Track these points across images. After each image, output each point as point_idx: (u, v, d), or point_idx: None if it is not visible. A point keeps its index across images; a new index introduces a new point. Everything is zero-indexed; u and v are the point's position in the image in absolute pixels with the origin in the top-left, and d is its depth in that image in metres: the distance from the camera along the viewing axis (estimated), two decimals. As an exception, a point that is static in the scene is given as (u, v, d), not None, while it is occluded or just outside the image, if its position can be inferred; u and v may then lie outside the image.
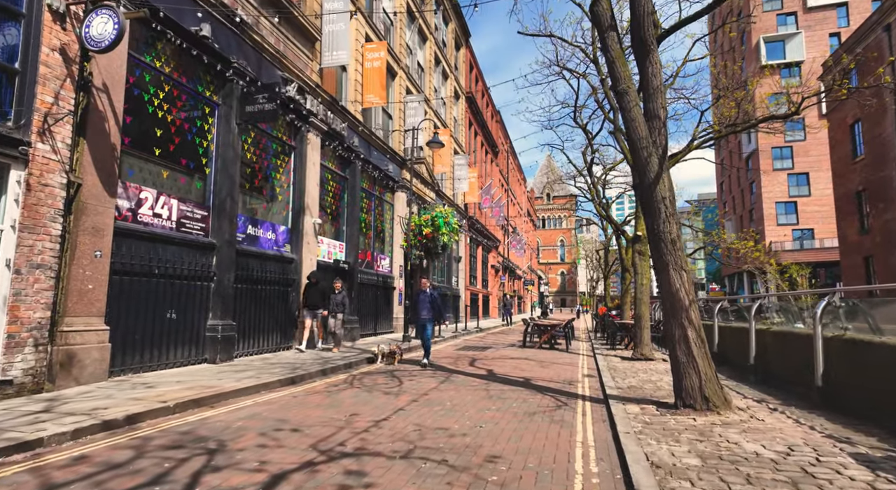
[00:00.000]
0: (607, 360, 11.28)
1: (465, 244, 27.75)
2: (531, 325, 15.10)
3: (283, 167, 11.23)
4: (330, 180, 13.39)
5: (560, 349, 14.07)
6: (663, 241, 5.84)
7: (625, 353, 12.63)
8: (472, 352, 12.78)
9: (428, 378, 8.18)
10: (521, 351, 13.34)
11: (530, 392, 7.13)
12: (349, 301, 13.72)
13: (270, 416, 5.17)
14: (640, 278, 11.59)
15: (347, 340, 13.48)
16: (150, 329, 7.44)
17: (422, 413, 5.54)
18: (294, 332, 11.13)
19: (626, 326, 14.11)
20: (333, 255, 13.29)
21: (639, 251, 11.64)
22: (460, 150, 26.96)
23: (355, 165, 14.31)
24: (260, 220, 10.36)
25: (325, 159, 13.06)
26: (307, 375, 7.72)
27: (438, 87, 23.90)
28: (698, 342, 5.67)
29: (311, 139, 11.82)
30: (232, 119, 9.17)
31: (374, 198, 16.35)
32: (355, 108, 14.38)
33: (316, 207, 11.98)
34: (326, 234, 13.31)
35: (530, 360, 11.18)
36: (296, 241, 11.39)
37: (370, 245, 16.02)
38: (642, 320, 11.37)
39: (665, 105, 6.07)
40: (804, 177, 51.75)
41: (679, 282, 5.76)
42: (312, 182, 11.84)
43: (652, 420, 5.20)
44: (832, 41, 50.14)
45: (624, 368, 9.66)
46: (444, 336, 16.28)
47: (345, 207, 14.15)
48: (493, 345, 15.02)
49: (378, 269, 16.32)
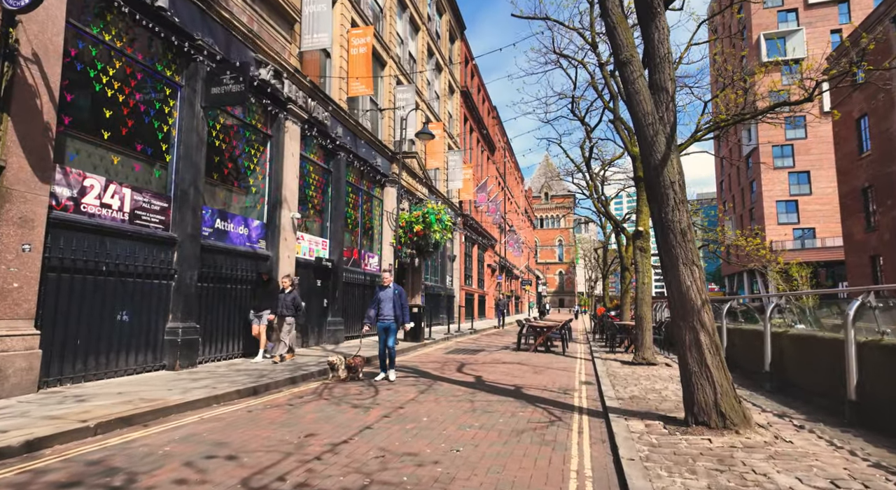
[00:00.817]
0: (606, 364, 10.50)
1: (459, 243, 26.97)
2: (526, 327, 14.32)
3: (257, 157, 10.43)
4: (312, 173, 12.60)
5: (556, 352, 13.30)
6: (672, 231, 5.06)
7: (625, 357, 11.85)
8: (462, 355, 11.99)
9: (408, 387, 7.39)
10: (515, 354, 12.56)
11: (520, 403, 6.34)
12: (336, 300, 12.94)
13: (209, 438, 4.37)
14: (641, 277, 10.83)
15: (330, 343, 12.69)
16: (96, 333, 6.64)
17: (391, 432, 4.75)
18: (271, 334, 10.33)
19: (627, 328, 13.34)
20: (316, 252, 12.50)
21: (640, 248, 10.87)
22: (455, 145, 26.18)
23: (340, 158, 13.52)
24: (231, 213, 9.56)
25: (307, 150, 12.26)
26: (273, 385, 6.93)
27: (432, 81, 23.12)
28: (712, 349, 4.90)
29: (289, 128, 11.03)
30: (196, 102, 8.37)
31: (362, 193, 15.56)
32: (340, 96, 13.59)
33: (295, 201, 11.19)
34: (308, 230, 12.52)
35: (523, 365, 10.39)
36: (272, 237, 10.59)
37: (357, 242, 15.22)
38: (644, 322, 10.60)
39: (673, 77, 5.29)
40: (805, 175, 51.09)
41: (690, 279, 4.98)
42: (291, 174, 11.04)
43: (660, 441, 4.42)
44: (833, 38, 49.47)
45: (624, 374, 8.89)
46: (436, 338, 15.50)
47: (329, 202, 13.35)
48: (486, 347, 14.24)
49: (366, 267, 15.53)
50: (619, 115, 11.63)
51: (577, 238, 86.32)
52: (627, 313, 16.71)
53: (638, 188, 11.11)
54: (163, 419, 5.00)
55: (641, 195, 11.08)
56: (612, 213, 17.08)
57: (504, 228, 39.15)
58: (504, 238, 41.72)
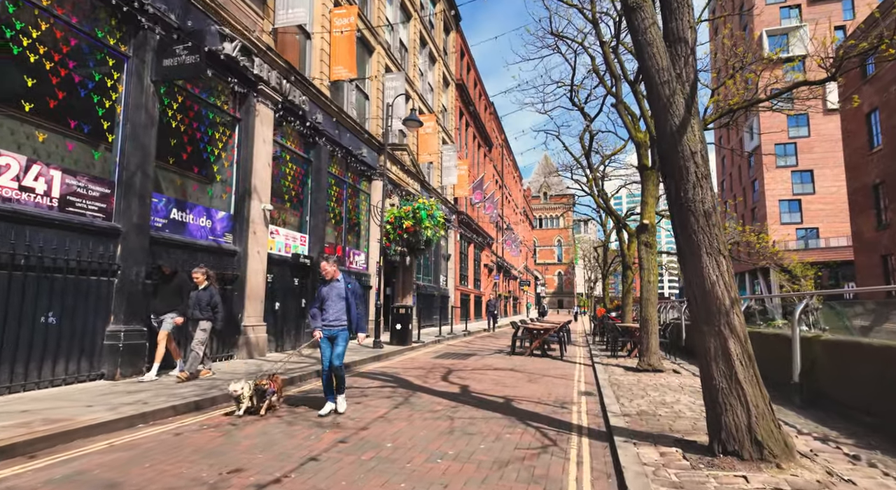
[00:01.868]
0: (608, 370, 9.53)
1: (454, 241, 26.00)
2: (521, 330, 13.34)
3: (223, 142, 9.45)
4: (289, 162, 11.62)
5: (554, 356, 12.32)
6: (692, 213, 4.09)
7: (628, 362, 10.88)
8: (450, 360, 11.01)
9: (381, 400, 6.41)
10: (509, 359, 11.58)
11: (509, 422, 5.37)
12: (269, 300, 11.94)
13: (101, 477, 3.39)
14: (646, 275, 9.86)
15: (308, 347, 11.69)
16: (13, 338, 5.65)
17: (342, 466, 3.77)
18: (237, 338, 9.36)
19: (630, 331, 12.36)
20: (292, 248, 11.52)
21: (645, 243, 9.91)
22: (449, 139, 25.22)
23: (321, 147, 12.54)
24: (191, 203, 8.58)
25: (283, 137, 11.29)
26: (222, 397, 5.95)
27: (425, 72, 22.16)
28: (745, 360, 3.93)
29: (260, 110, 10.05)
30: (146, 75, 7.40)
31: (347, 186, 14.58)
32: (321, 80, 12.62)
33: (267, 191, 10.21)
34: (286, 224, 11.55)
35: (517, 372, 9.42)
36: (240, 231, 9.61)
37: (341, 239, 14.24)
38: (649, 324, 9.63)
39: (693, 24, 4.32)
40: (808, 174, 50.22)
41: (716, 272, 4.01)
42: (262, 161, 10.07)
43: (681, 478, 3.45)
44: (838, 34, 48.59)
45: (629, 383, 7.91)
46: (426, 340, 14.52)
47: (308, 194, 12.37)
48: (478, 351, 13.26)
49: (351, 265, 14.55)
50: (621, 98, 10.67)
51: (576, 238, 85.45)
52: (629, 315, 15.75)
53: (643, 178, 10.15)
54: (61, 447, 4.01)
55: (647, 186, 10.12)
56: (613, 208, 16.10)
57: (501, 227, 38.19)
58: (501, 237, 40.75)
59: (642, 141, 10.35)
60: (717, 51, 20.61)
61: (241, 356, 9.32)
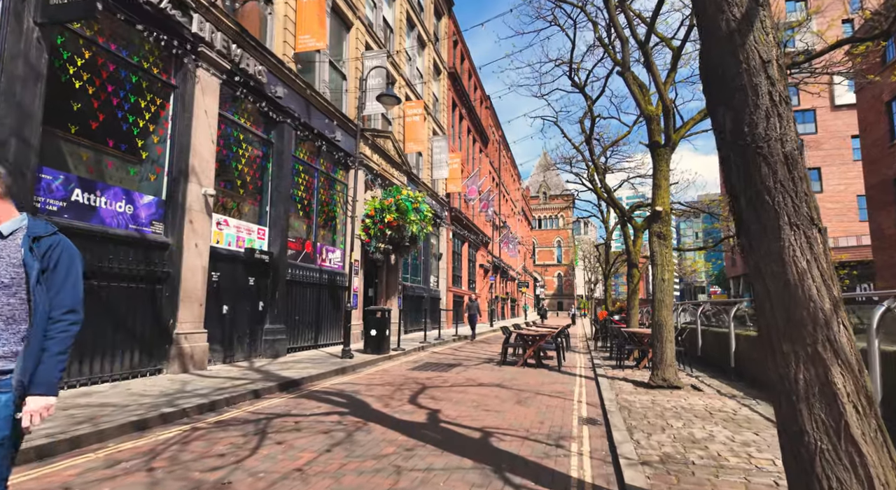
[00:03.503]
0: (615, 386, 7.93)
1: (446, 239, 24.42)
2: (513, 336, 11.73)
3: (152, 112, 7.87)
4: (242, 142, 10.04)
5: (550, 366, 10.73)
6: (766, 158, 2.49)
7: (637, 375, 9.29)
8: (429, 373, 9.40)
9: (315, 436, 4.81)
10: (498, 371, 9.97)
11: (480, 477, 3.77)
12: (276, 303, 10.35)
13: None
14: (659, 271, 8.27)
15: (266, 356, 10.11)
16: None
17: None
18: (167, 348, 7.75)
19: (638, 337, 10.76)
20: (247, 242, 9.93)
21: (658, 233, 8.31)
22: (440, 131, 23.65)
23: (285, 128, 10.96)
24: (103, 183, 6.99)
25: (234, 112, 9.72)
26: (88, 437, 4.35)
27: (413, 57, 20.61)
28: (860, 401, 2.33)
29: (202, 78, 8.48)
30: (27, 16, 5.82)
31: (319, 174, 13.00)
32: (285, 51, 11.05)
33: (210, 173, 8.63)
34: (241, 214, 9.96)
35: (504, 389, 7.81)
36: (173, 219, 8.02)
37: (312, 233, 12.65)
38: (663, 330, 8.04)
39: None
40: (815, 172, 48.69)
41: (807, 255, 2.42)
42: (203, 137, 8.49)
43: None
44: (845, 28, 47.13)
45: (642, 406, 6.32)
46: (408, 347, 12.91)
47: (269, 181, 10.79)
48: (464, 360, 11.65)
49: (323, 263, 12.96)
50: (628, 64, 9.09)
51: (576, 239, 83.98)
52: (635, 318, 14.16)
53: (655, 157, 8.57)
54: None
55: (660, 166, 8.54)
56: (616, 200, 14.52)
57: (496, 225, 36.62)
58: (499, 236, 39.18)
59: (653, 114, 8.77)
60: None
61: (172, 370, 7.72)
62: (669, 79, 8.79)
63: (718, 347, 10.13)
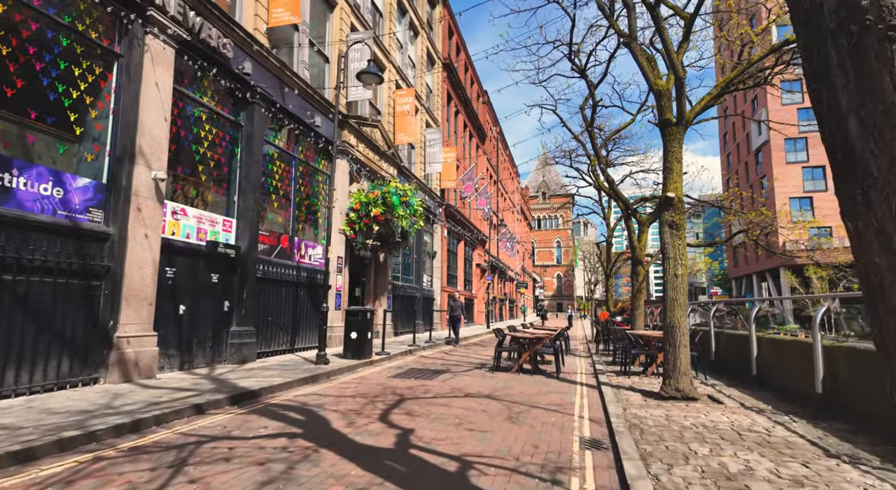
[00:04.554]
0: (621, 397, 6.92)
1: (441, 237, 23.40)
2: (507, 339, 10.70)
3: (89, 81, 6.84)
4: (206, 123, 9.01)
5: (548, 372, 9.71)
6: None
7: (645, 383, 8.27)
8: (411, 381, 8.37)
9: (245, 469, 3.78)
10: (489, 378, 8.95)
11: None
12: (244, 302, 9.32)
13: None
14: (671, 266, 7.25)
15: (232, 362, 9.09)
16: None
17: None
18: (105, 354, 6.73)
19: (646, 341, 9.74)
20: (210, 234, 8.90)
21: (671, 223, 7.30)
22: (434, 123, 22.65)
23: (256, 109, 9.95)
24: (20, 160, 5.96)
25: (195, 89, 8.70)
26: None
27: (404, 44, 19.60)
28: None
29: (152, 47, 7.46)
30: (-87, -46, 4.81)
31: (298, 162, 11.97)
32: (256, 25, 10.05)
33: (161, 155, 7.60)
34: (206, 203, 8.95)
35: (494, 401, 6.78)
36: (115, 206, 7.00)
37: (289, 227, 11.62)
38: (677, 333, 7.02)
39: None
40: (820, 170, 47.84)
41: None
42: (154, 113, 7.47)
43: None
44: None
45: (656, 424, 5.30)
46: (394, 351, 11.88)
47: (237, 168, 9.77)
48: (454, 366, 10.62)
49: (302, 260, 11.93)
50: (635, 34, 8.08)
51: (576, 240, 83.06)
52: (640, 320, 13.13)
53: (666, 137, 7.56)
54: None
55: (671, 147, 7.53)
56: (620, 192, 13.50)
57: (493, 223, 35.61)
58: (496, 235, 38.17)
59: (663, 88, 7.76)
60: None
61: (111, 379, 6.69)
62: (682, 49, 7.78)
63: (736, 352, 9.12)
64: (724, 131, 60.25)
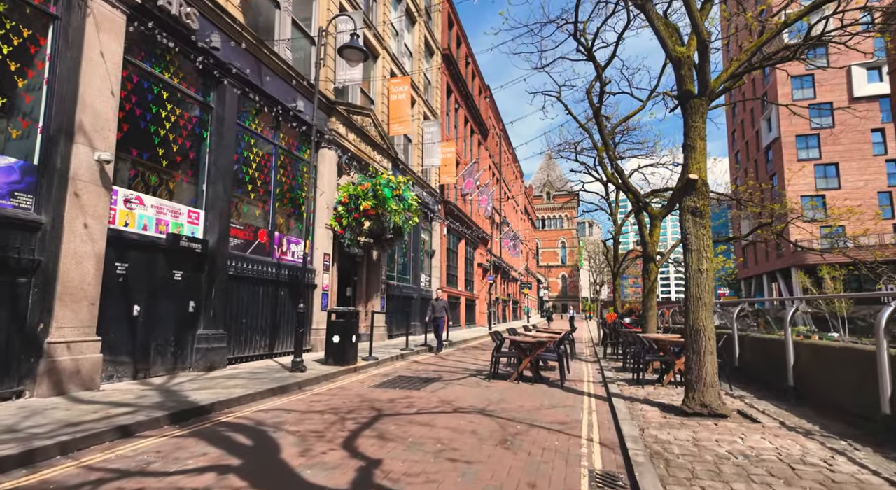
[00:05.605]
0: (636, 412, 5.89)
1: (440, 235, 22.40)
2: (507, 343, 9.68)
3: (14, 44, 5.90)
4: (167, 102, 8.05)
5: (551, 380, 8.69)
6: None
7: (662, 395, 7.23)
8: (394, 392, 7.37)
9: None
10: (483, 389, 7.93)
11: None
12: (212, 302, 8.36)
13: None
14: (694, 260, 6.22)
15: (198, 369, 8.12)
16: None
17: None
18: (33, 363, 5.77)
19: (662, 346, 8.68)
20: (172, 226, 7.94)
21: (693, 210, 6.26)
22: (432, 116, 21.66)
23: (228, 90, 9.00)
24: (-75, 134, 5.03)
25: (154, 62, 7.75)
26: None
27: (401, 31, 18.63)
28: None
29: (96, 10, 6.52)
30: None
31: (279, 151, 11.02)
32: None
33: (108, 134, 6.65)
34: (172, 193, 7.99)
35: (487, 417, 5.77)
36: (49, 191, 6.05)
37: (268, 220, 10.66)
38: (702, 338, 5.99)
39: None
40: (833, 168, 46.55)
41: None
42: (98, 86, 6.52)
43: None
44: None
45: (685, 452, 4.28)
46: (382, 356, 10.87)
47: (206, 153, 8.82)
48: (447, 373, 9.60)
49: (283, 257, 10.97)
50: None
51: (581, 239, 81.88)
52: (652, 322, 12.07)
53: (687, 110, 6.53)
54: None
55: (693, 122, 6.50)
56: (630, 183, 12.45)
57: (495, 221, 34.56)
58: (499, 234, 37.12)
59: (684, 56, 6.73)
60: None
61: (40, 392, 5.73)
62: (706, 10, 6.76)
63: (765, 359, 8.06)
64: (733, 129, 58.94)
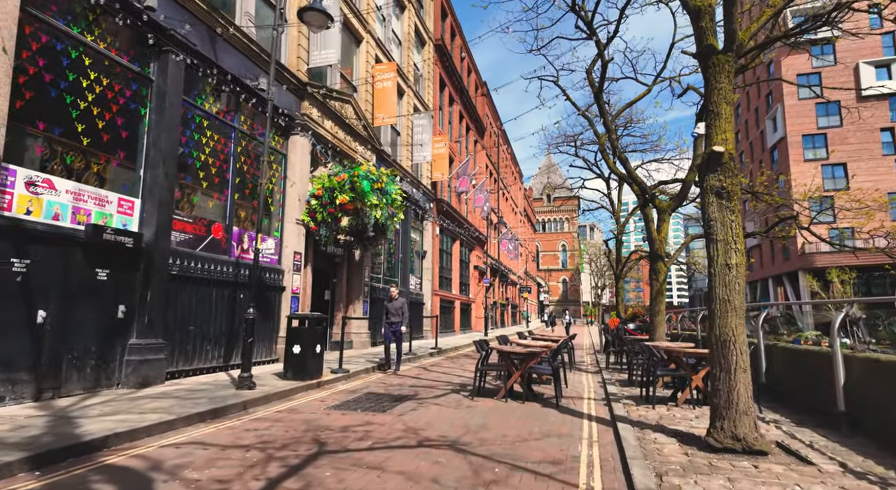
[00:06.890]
0: (648, 446, 4.62)
1: (432, 234, 21.15)
2: (493, 354, 8.40)
3: None
4: (90, 69, 6.80)
5: (546, 397, 7.41)
6: None
7: (678, 417, 5.95)
8: (353, 415, 6.09)
9: None
10: (464, 410, 6.65)
11: None
12: (149, 307, 7.10)
13: None
14: (721, 253, 4.95)
15: (129, 385, 6.85)
16: None
17: None
18: None
19: (675, 359, 7.39)
20: (96, 216, 6.70)
21: (718, 190, 5.00)
22: (423, 108, 20.46)
23: (172, 60, 7.77)
24: None
25: (70, 21, 6.52)
26: None
27: (388, 17, 17.46)
28: None
29: (-17, -53, 5.31)
30: None
31: (239, 135, 9.79)
32: (171, -45, 7.90)
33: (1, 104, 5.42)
34: (101, 177, 6.75)
35: (459, 456, 4.49)
36: None
37: (227, 213, 9.42)
38: (731, 350, 4.73)
39: None
40: (840, 168, 45.30)
41: None
42: (-17, 40, 5.30)
43: None
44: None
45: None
46: (355, 368, 9.60)
47: (143, 133, 7.58)
48: (425, 389, 8.32)
49: (244, 255, 9.71)
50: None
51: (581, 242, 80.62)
52: (661, 328, 10.79)
53: (709, 70, 5.28)
54: None
55: (717, 83, 5.25)
56: (636, 174, 11.19)
57: (492, 222, 33.31)
58: (497, 236, 35.86)
59: (704, 5, 5.50)
60: None
61: None
62: (731, -53, 5.52)
63: (798, 374, 6.79)
64: (737, 129, 57.78)
